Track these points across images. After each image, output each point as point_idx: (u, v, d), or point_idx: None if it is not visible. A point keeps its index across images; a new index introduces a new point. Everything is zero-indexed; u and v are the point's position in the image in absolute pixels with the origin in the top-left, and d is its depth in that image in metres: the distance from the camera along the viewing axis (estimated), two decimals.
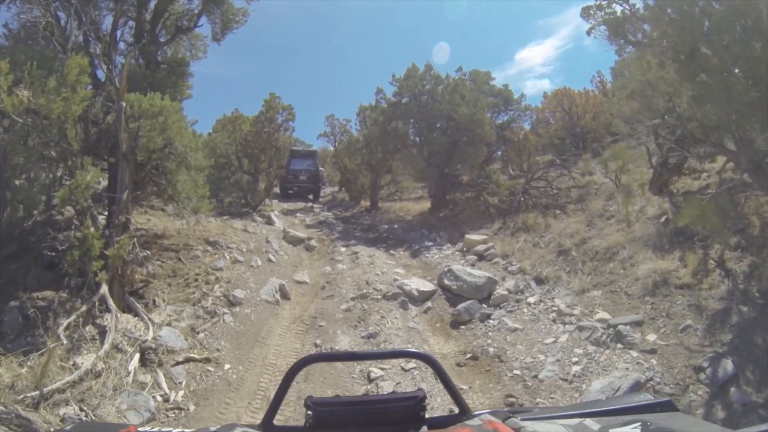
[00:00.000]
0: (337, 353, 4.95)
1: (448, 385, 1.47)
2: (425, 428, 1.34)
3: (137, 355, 4.74)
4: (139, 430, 1.38)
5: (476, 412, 1.41)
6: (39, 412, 3.85)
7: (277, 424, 1.43)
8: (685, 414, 1.47)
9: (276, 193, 18.28)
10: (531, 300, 6.83)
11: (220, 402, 4.46)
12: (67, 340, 4.68)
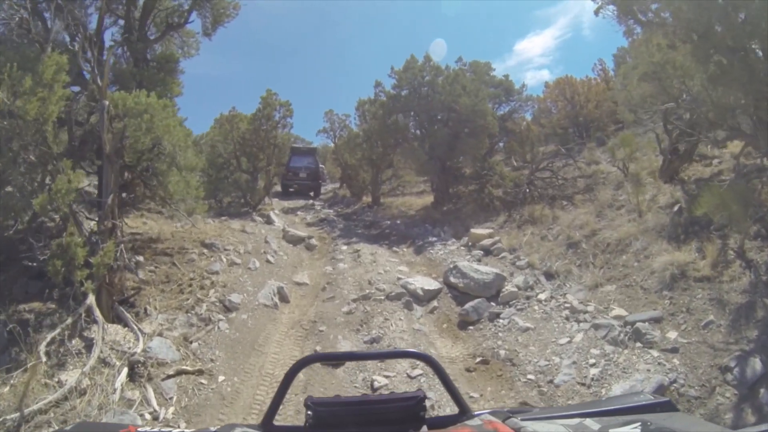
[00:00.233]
0: (337, 353, 4.95)
1: (448, 384, 1.47)
2: (425, 428, 1.34)
3: (125, 370, 4.45)
4: (139, 430, 1.36)
5: (476, 412, 1.40)
6: None
7: (277, 425, 1.42)
8: (685, 414, 1.55)
9: (278, 191, 18.10)
10: (542, 296, 6.50)
11: (213, 418, 4.17)
12: (48, 357, 4.40)
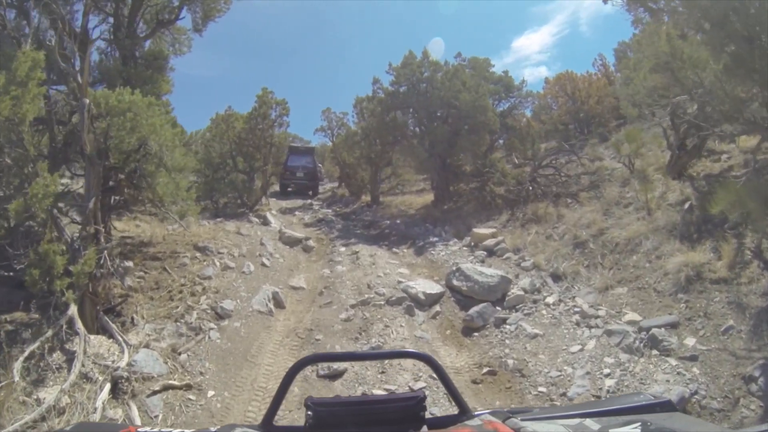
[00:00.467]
0: (337, 353, 4.99)
1: (448, 384, 1.45)
2: (425, 428, 1.33)
3: (108, 386, 4.15)
4: (139, 430, 1.34)
5: (476, 413, 1.39)
6: None
7: (277, 425, 1.41)
8: (685, 414, 1.53)
9: (276, 191, 17.85)
10: (550, 300, 6.19)
11: None
12: (26, 373, 4.10)
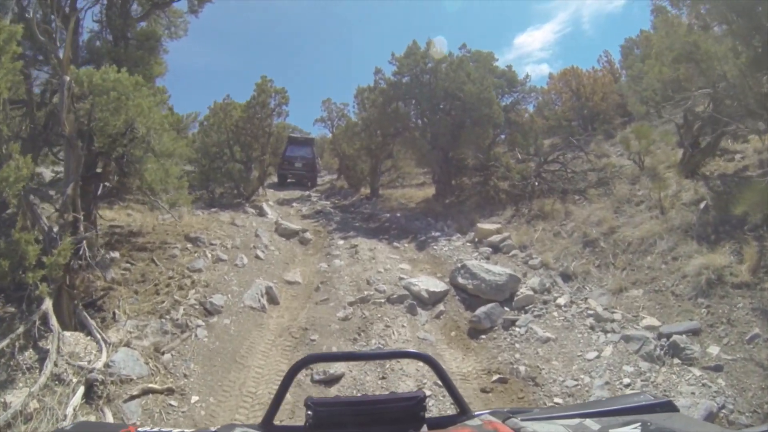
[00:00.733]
0: (336, 353, 4.77)
1: (448, 384, 1.44)
2: (425, 428, 1.32)
3: (81, 389, 3.79)
4: (139, 430, 1.30)
5: (476, 413, 1.38)
6: None
7: (277, 425, 1.39)
8: (685, 414, 1.65)
9: (274, 182, 17.51)
10: (561, 301, 5.83)
11: None
12: None
